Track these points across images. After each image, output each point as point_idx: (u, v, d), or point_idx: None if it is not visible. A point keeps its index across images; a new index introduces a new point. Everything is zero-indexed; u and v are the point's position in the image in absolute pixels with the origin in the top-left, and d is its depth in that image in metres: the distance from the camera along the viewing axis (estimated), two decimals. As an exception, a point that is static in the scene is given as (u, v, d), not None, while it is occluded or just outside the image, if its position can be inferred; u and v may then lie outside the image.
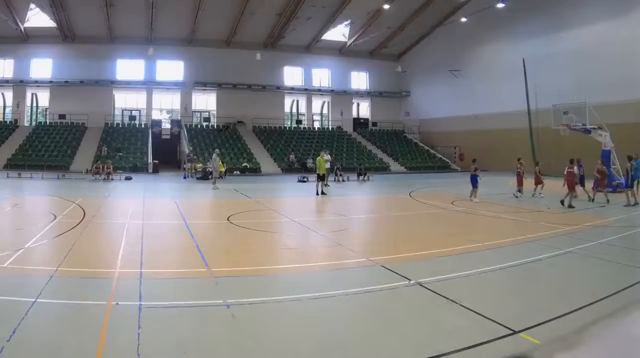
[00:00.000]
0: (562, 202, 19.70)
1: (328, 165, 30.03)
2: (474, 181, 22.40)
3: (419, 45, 60.42)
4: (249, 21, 50.92)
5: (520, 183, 23.92)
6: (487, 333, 6.12)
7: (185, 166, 41.09)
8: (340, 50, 60.63)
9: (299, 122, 61.14)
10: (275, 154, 49.49)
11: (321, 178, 26.28)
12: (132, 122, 54.87)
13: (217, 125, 56.39)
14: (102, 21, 48.43)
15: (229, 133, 54.02)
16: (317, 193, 25.41)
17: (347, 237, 13.84)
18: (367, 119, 64.51)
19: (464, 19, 48.42)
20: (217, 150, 32.53)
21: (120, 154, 44.12)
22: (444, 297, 7.68)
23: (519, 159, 25.46)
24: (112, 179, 34.00)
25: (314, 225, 15.47)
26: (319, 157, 27.25)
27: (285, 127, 59.29)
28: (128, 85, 55.16)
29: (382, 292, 8.13)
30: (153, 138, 49.45)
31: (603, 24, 38.40)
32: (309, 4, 47.92)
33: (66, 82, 51.96)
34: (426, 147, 57.78)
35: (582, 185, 22.90)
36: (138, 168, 41.74)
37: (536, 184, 24.10)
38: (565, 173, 20.62)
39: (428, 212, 18.85)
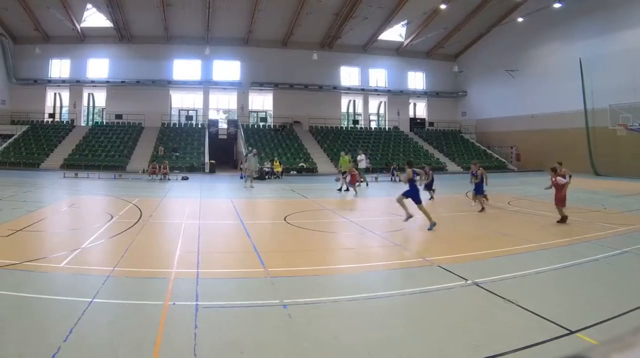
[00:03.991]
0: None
1: (364, 165, 32.34)
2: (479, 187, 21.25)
3: (476, 45, 60.07)
4: (306, 21, 51.45)
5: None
6: (544, 333, 6.14)
7: (242, 166, 41.47)
8: (397, 50, 60.54)
9: (355, 122, 61.22)
10: (332, 154, 49.44)
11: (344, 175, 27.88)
12: (189, 122, 55.87)
13: (273, 125, 56.85)
14: (159, 21, 49.55)
15: (285, 133, 54.36)
16: (339, 190, 27.21)
17: (404, 237, 13.81)
18: (423, 119, 64.32)
19: (520, 19, 48.13)
20: (254, 150, 32.75)
21: (177, 154, 44.86)
22: (501, 297, 7.72)
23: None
24: (168, 179, 34.55)
25: (371, 225, 15.37)
26: (343, 157, 29.08)
27: (341, 127, 59.46)
28: (185, 85, 56.18)
29: (439, 292, 8.17)
30: (210, 138, 50.21)
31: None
32: (366, 4, 47.99)
33: (123, 82, 53.44)
34: (482, 147, 57.21)
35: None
36: (195, 168, 42.41)
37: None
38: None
39: (485, 212, 18.57)
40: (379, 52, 59.90)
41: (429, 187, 22.43)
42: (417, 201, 14.72)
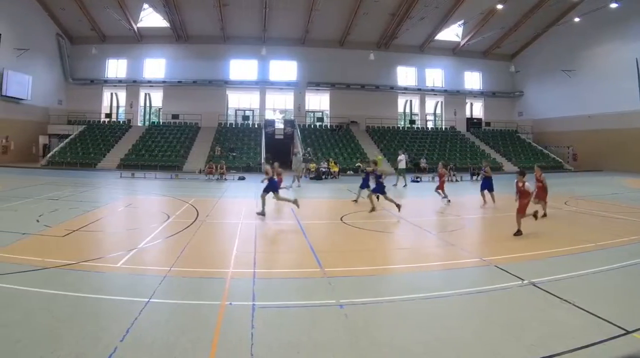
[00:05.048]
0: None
1: (403, 165, 32.28)
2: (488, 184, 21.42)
3: (533, 45, 59.58)
4: (363, 21, 51.80)
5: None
6: (600, 333, 6.26)
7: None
8: (453, 50, 60.35)
9: (412, 122, 61.09)
10: (388, 154, 49.17)
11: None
12: (246, 122, 56.46)
13: (330, 125, 57.04)
14: (216, 21, 50.36)
15: (342, 133, 54.40)
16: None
17: (460, 237, 13.88)
18: (480, 119, 63.84)
19: (577, 19, 47.62)
20: (295, 150, 32.89)
21: (234, 154, 45.28)
22: (557, 297, 7.84)
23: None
24: (225, 179, 34.94)
25: (427, 225, 15.29)
26: (379, 157, 29.91)
27: (398, 127, 59.39)
28: (241, 85, 56.89)
29: (495, 292, 8.29)
30: (266, 138, 50.61)
31: None
32: (422, 4, 48.03)
33: (179, 82, 54.49)
34: (539, 147, 56.62)
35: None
36: (251, 168, 42.70)
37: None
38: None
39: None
40: (436, 52, 59.76)
41: None
42: (275, 191, 17.15)
